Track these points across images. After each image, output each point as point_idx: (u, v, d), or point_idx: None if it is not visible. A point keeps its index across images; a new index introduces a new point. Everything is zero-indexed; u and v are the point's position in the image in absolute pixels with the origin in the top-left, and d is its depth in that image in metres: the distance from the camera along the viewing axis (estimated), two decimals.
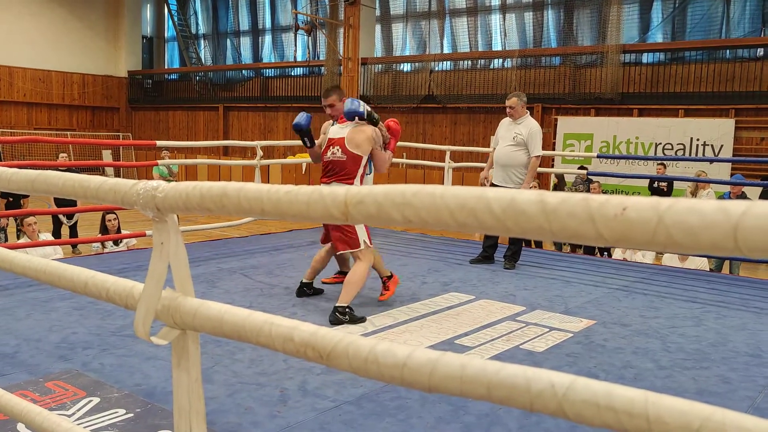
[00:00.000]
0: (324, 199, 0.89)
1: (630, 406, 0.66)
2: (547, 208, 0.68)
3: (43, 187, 1.41)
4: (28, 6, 19.59)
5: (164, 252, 1.17)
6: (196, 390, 1.21)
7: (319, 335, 0.94)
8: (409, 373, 0.82)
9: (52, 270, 1.48)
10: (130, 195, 1.18)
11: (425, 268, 6.06)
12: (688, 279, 6.01)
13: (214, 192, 1.05)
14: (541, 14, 15.03)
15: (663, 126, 12.66)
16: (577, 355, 3.75)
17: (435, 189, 0.77)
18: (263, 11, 20.37)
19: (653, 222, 0.61)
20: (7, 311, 4.29)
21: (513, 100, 6.06)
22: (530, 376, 0.74)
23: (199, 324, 1.13)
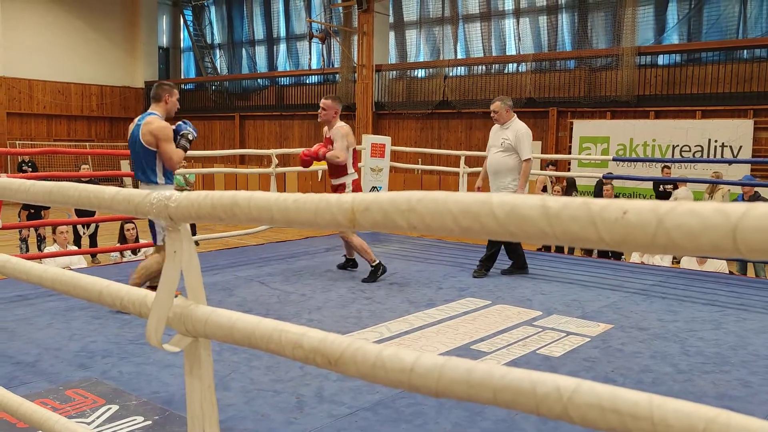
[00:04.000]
0: (331, 207, 0.90)
1: (634, 409, 0.66)
2: (550, 212, 0.69)
3: (60, 198, 1.44)
4: (45, 18, 19.88)
5: (177, 260, 1.18)
6: (209, 397, 1.22)
7: (327, 341, 0.95)
8: (416, 378, 0.83)
9: (68, 280, 1.51)
10: (143, 205, 1.20)
11: (441, 273, 6.06)
12: (707, 282, 5.95)
13: (224, 201, 1.06)
14: (555, 18, 14.98)
15: (680, 128, 12.56)
16: (594, 360, 3.73)
17: (439, 195, 0.78)
18: (278, 20, 20.50)
19: (653, 225, 0.62)
20: (28, 320, 4.35)
21: (496, 104, 5.91)
22: (535, 380, 0.74)
23: (211, 331, 1.15)
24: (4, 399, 1.76)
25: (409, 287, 5.46)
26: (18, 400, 1.74)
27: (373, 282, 5.53)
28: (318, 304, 4.86)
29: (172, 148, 4.42)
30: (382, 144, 8.39)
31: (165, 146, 4.38)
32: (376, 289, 5.41)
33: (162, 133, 4.38)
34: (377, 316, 4.55)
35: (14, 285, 5.38)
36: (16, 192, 1.57)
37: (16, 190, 1.57)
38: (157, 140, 4.38)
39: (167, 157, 4.40)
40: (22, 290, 5.16)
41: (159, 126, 4.38)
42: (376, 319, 4.48)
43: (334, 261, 6.61)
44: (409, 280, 5.75)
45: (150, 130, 4.38)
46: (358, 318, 4.50)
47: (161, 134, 4.39)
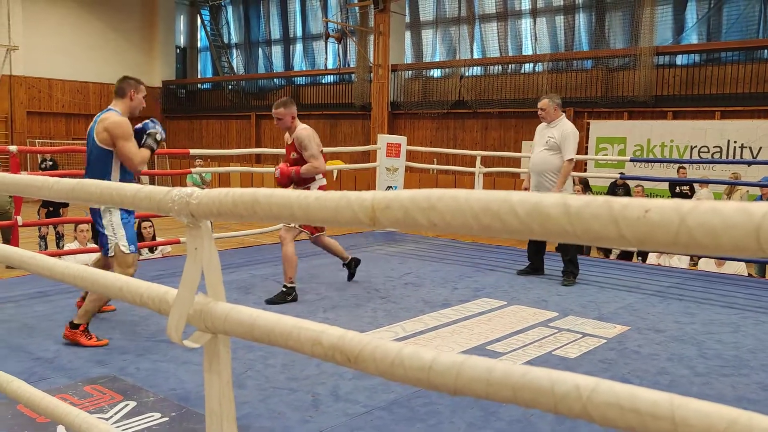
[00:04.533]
0: (352, 204, 0.91)
1: (654, 409, 0.66)
2: (571, 210, 0.69)
3: (83, 195, 1.45)
4: (66, 19, 20.09)
5: (198, 257, 1.20)
6: (227, 393, 1.23)
7: (346, 339, 0.96)
8: (435, 376, 0.83)
9: (89, 276, 1.53)
10: (165, 202, 1.22)
11: (456, 273, 6.05)
12: (726, 284, 5.89)
13: (245, 198, 1.07)
14: (572, 17, 14.90)
15: (698, 128, 12.44)
16: (610, 362, 3.71)
17: (459, 193, 0.78)
18: (294, 20, 20.57)
19: (675, 223, 0.62)
20: (48, 317, 4.40)
21: (544, 101, 5.78)
22: (555, 379, 0.74)
23: (230, 328, 1.16)
24: (25, 393, 1.78)
25: (424, 287, 5.46)
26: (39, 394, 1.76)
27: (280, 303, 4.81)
28: (333, 303, 4.87)
29: (133, 147, 3.87)
30: (398, 144, 8.39)
31: (122, 144, 3.82)
32: (392, 288, 5.41)
33: (119, 129, 3.81)
34: (392, 316, 4.56)
35: (35, 281, 5.44)
36: (40, 189, 1.59)
37: (39, 187, 1.60)
38: (113, 137, 3.81)
39: (126, 156, 3.84)
40: (41, 287, 5.22)
41: (115, 121, 3.82)
42: (391, 319, 4.48)
43: None
44: (425, 279, 5.75)
45: (105, 126, 3.83)
46: (373, 317, 4.51)
47: (117, 130, 3.81)
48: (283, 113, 4.99)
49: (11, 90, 19.13)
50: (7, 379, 1.90)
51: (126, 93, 4.02)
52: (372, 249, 7.37)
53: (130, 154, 3.84)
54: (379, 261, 6.62)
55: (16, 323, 4.24)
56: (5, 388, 1.86)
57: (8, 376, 1.92)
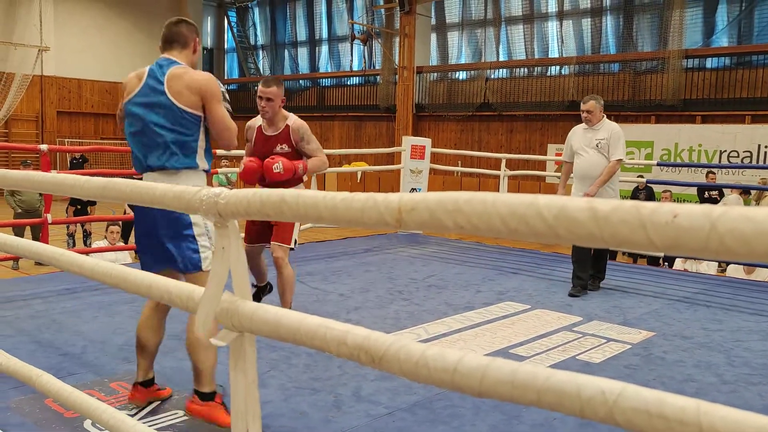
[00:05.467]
0: (378, 206, 0.91)
1: (682, 415, 0.66)
2: (599, 215, 0.68)
3: (113, 193, 1.48)
4: (95, 20, 20.39)
5: (225, 256, 1.21)
6: (253, 392, 1.24)
7: (371, 339, 0.96)
8: (459, 378, 0.84)
9: (118, 274, 1.55)
10: (193, 201, 1.23)
11: (480, 276, 6.03)
12: (754, 291, 5.80)
13: (273, 198, 1.09)
14: (600, 20, 14.77)
15: (728, 133, 12.25)
16: (635, 367, 3.67)
17: (486, 196, 0.78)
18: (320, 22, 20.66)
19: (706, 229, 0.61)
20: (75, 313, 4.48)
21: (590, 103, 5.40)
22: (581, 383, 0.74)
23: (257, 327, 1.17)
24: (54, 387, 1.82)
25: (447, 289, 5.45)
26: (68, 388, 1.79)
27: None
28: (356, 304, 4.88)
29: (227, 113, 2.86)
30: (422, 146, 8.39)
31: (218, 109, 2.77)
32: (415, 290, 5.41)
33: (214, 88, 2.77)
34: (415, 318, 4.56)
35: (62, 278, 5.54)
36: (72, 188, 1.63)
37: (71, 185, 1.63)
38: (206, 99, 2.73)
39: (225, 125, 2.78)
40: (69, 284, 5.31)
41: (207, 78, 2.78)
42: (414, 321, 4.48)
43: (372, 262, 6.64)
44: (448, 282, 5.74)
45: (189, 83, 2.71)
46: (396, 319, 4.51)
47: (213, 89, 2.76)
48: (275, 93, 3.97)
49: (42, 90, 19.47)
50: (36, 373, 1.93)
51: (189, 42, 2.92)
52: (395, 251, 7.38)
53: (229, 122, 2.83)
54: (403, 263, 6.62)
55: (45, 319, 4.32)
56: (35, 382, 1.90)
57: (37, 370, 1.96)
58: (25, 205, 8.96)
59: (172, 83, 2.73)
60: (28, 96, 18.84)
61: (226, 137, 2.83)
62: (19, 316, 4.34)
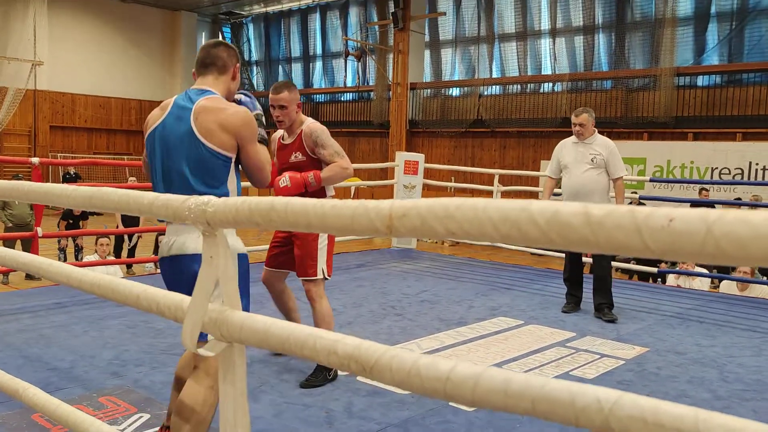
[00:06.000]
0: (369, 212, 0.90)
1: (680, 423, 0.64)
2: (593, 220, 0.67)
3: (100, 203, 1.46)
4: (90, 35, 20.44)
5: (213, 266, 1.20)
6: (242, 404, 1.22)
7: (362, 348, 0.95)
8: (452, 387, 0.82)
9: (106, 284, 1.53)
10: (181, 210, 1.22)
11: (473, 292, 6.01)
12: (747, 307, 5.79)
13: (262, 207, 1.07)
14: (592, 38, 14.89)
15: (720, 150, 12.33)
16: (629, 383, 3.65)
17: (477, 202, 0.77)
18: (314, 38, 20.76)
19: (701, 233, 0.60)
20: (65, 327, 4.43)
21: (583, 116, 5.16)
22: (575, 391, 0.73)
23: (246, 337, 1.15)
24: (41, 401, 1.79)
25: (440, 305, 5.43)
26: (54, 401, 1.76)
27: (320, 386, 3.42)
28: (349, 319, 4.85)
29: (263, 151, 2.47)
30: (416, 161, 8.40)
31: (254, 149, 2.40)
32: (407, 305, 5.38)
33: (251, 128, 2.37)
34: (408, 333, 4.53)
35: (52, 293, 5.49)
36: (59, 197, 1.61)
37: (59, 195, 1.61)
38: (241, 139, 2.34)
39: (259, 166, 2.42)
40: (59, 298, 5.26)
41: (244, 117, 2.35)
42: (406, 336, 4.45)
43: (365, 277, 6.61)
44: (440, 297, 5.72)
45: (224, 122, 2.30)
46: (389, 334, 4.49)
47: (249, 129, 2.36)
48: (287, 98, 3.46)
49: (35, 104, 19.45)
50: (23, 386, 1.90)
51: (229, 67, 2.53)
52: (388, 266, 7.35)
53: (263, 163, 2.44)
54: (395, 278, 6.60)
55: (33, 333, 4.27)
56: (21, 395, 1.87)
57: (24, 383, 1.93)
58: (15, 219, 8.91)
59: (202, 117, 2.28)
60: (20, 110, 18.82)
61: (258, 177, 2.46)
62: (7, 331, 4.29)
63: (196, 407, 2.13)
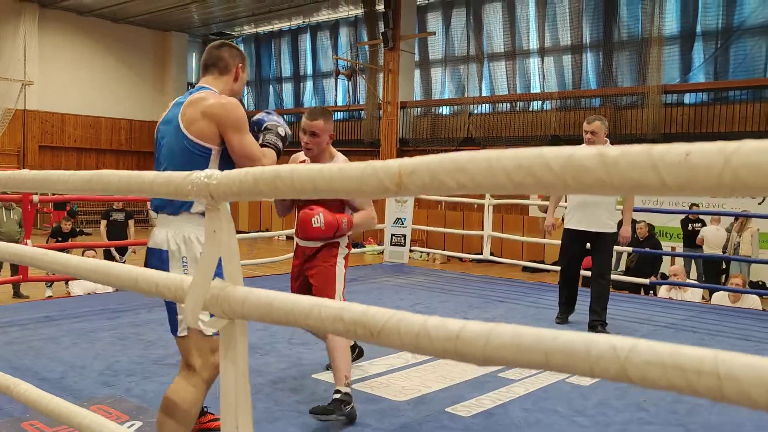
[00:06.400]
0: (377, 172, 0.89)
1: (699, 365, 0.64)
2: (608, 160, 0.67)
3: (100, 186, 1.44)
4: (81, 55, 20.44)
5: (216, 241, 1.18)
6: (243, 384, 1.20)
7: (369, 314, 0.93)
8: (462, 345, 0.81)
9: (103, 269, 1.51)
10: (183, 185, 1.20)
11: (466, 305, 6.00)
12: (740, 318, 5.81)
13: (267, 175, 1.06)
14: (580, 57, 15.04)
15: None
16: (625, 389, 3.63)
17: (490, 153, 0.77)
18: (305, 58, 20.87)
19: (719, 165, 0.60)
20: (54, 340, 4.37)
21: (596, 124, 4.92)
22: (590, 341, 0.72)
23: (248, 312, 1.14)
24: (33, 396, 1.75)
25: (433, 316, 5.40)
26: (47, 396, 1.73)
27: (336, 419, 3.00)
28: None
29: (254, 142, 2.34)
30: None
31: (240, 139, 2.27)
32: None
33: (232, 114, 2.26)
34: None
35: (40, 307, 5.43)
36: (56, 183, 1.59)
37: (56, 181, 1.59)
38: (222, 127, 2.25)
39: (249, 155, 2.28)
40: (47, 312, 5.20)
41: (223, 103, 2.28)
42: None
43: (358, 291, 6.59)
44: (434, 310, 5.70)
45: (206, 109, 2.25)
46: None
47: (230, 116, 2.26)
48: (322, 128, 3.22)
49: (25, 124, 19.38)
50: (14, 381, 1.87)
51: (231, 67, 2.48)
52: (381, 280, 7.33)
53: (254, 153, 2.30)
54: (388, 291, 6.58)
55: (22, 345, 4.21)
56: (12, 391, 1.83)
57: (14, 379, 1.90)
58: (4, 237, 8.82)
59: (188, 109, 2.27)
60: (9, 130, 18.75)
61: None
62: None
63: (181, 403, 2.14)
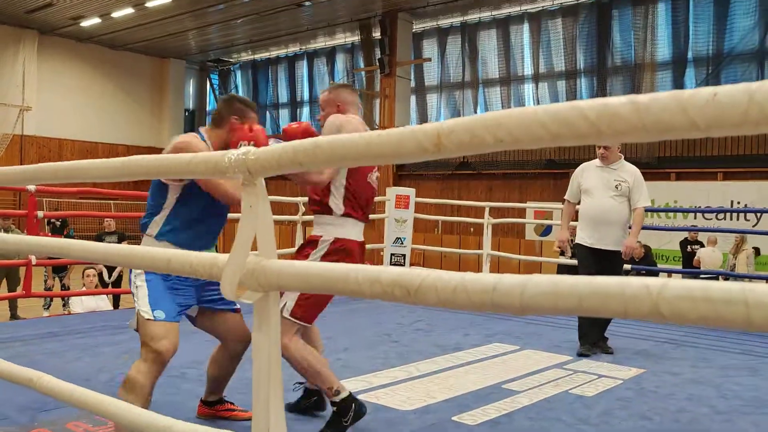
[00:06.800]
0: (416, 134, 0.94)
1: (728, 295, 0.68)
2: (640, 106, 0.72)
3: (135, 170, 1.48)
4: (79, 81, 20.60)
5: (252, 215, 1.22)
6: (275, 354, 1.23)
7: (405, 274, 0.98)
8: (499, 297, 0.85)
9: (129, 252, 1.54)
10: (221, 163, 1.25)
11: (467, 321, 6.02)
12: (741, 334, 5.83)
13: (306, 145, 1.11)
14: (574, 82, 15.27)
15: (702, 189, 12.59)
16: (628, 400, 3.66)
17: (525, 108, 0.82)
18: (301, 84, 21.09)
19: (745, 101, 0.65)
20: (58, 354, 4.37)
21: None
22: (624, 282, 0.76)
23: (285, 282, 1.17)
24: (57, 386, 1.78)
25: (435, 332, 5.43)
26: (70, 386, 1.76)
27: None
28: (345, 345, 4.83)
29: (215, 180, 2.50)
30: (407, 195, 8.48)
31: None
32: (403, 333, 5.37)
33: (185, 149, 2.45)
34: (405, 357, 4.52)
35: (42, 323, 5.44)
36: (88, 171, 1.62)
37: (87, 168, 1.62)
38: None
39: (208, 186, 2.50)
40: (50, 328, 5.21)
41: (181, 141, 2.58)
42: (403, 360, 4.44)
43: (358, 309, 6.60)
44: (435, 326, 5.72)
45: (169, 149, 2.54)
46: (385, 359, 4.47)
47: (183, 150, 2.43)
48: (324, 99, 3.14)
49: (22, 149, 19.44)
50: (36, 374, 1.89)
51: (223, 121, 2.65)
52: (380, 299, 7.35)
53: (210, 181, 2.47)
54: (388, 310, 6.59)
55: (25, 359, 4.20)
56: (35, 383, 1.86)
57: (37, 372, 1.92)
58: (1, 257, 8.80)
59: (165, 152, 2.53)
60: (6, 155, 18.79)
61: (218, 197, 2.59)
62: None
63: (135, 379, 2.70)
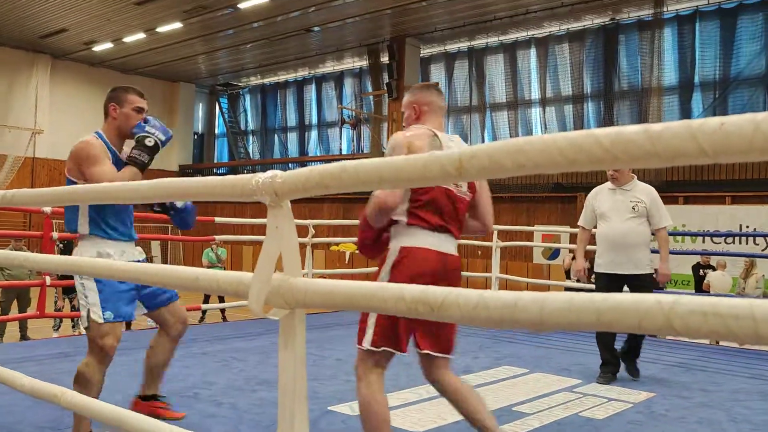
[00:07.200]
0: (440, 159, 1.00)
1: (736, 311, 0.72)
2: (653, 134, 0.78)
3: (163, 192, 1.54)
4: (90, 103, 20.81)
5: (277, 236, 1.27)
6: (301, 370, 1.28)
7: (428, 291, 1.03)
8: (519, 312, 0.90)
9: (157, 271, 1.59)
10: (248, 186, 1.31)
11: (476, 344, 6.03)
12: (750, 358, 5.84)
13: (332, 170, 1.17)
14: (581, 106, 15.37)
15: (710, 213, 12.61)
16: (639, 423, 3.67)
17: (545, 136, 0.88)
18: (310, 108, 21.30)
19: (750, 130, 0.70)
20: (70, 374, 4.39)
21: None
22: (638, 299, 0.81)
23: (311, 299, 1.22)
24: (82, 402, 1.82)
25: None
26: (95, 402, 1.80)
27: None
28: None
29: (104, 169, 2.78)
30: None
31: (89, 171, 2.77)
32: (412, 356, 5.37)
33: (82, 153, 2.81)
34: (414, 380, 4.52)
35: (54, 344, 5.48)
36: (118, 192, 1.67)
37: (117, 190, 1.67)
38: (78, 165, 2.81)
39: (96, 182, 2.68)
40: (62, 349, 5.26)
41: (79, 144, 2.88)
42: (413, 382, 4.46)
43: None
44: None
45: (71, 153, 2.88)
46: (395, 380, 4.49)
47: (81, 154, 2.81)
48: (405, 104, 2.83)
49: (33, 171, 19.64)
50: (60, 390, 1.93)
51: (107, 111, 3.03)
52: None
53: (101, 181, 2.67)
54: None
55: (39, 377, 4.24)
56: (60, 399, 1.90)
57: (61, 388, 1.96)
58: (13, 280, 8.89)
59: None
60: (18, 177, 18.99)
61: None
62: None
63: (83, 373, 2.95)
